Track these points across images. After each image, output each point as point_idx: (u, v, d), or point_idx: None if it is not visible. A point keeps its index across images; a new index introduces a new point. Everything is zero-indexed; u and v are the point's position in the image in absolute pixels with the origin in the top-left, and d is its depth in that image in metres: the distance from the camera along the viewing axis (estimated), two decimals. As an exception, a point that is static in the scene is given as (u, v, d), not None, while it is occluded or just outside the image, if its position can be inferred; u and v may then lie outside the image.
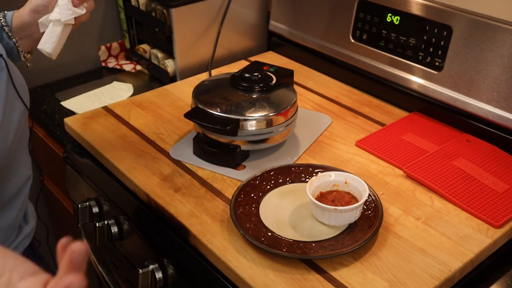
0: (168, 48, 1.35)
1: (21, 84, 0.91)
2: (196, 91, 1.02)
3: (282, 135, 0.99)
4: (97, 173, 1.05)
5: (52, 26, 0.88)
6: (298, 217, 0.85)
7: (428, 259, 0.77)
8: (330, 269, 0.76)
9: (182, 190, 0.92)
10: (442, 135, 1.06)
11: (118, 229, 1.00)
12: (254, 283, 0.74)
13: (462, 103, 1.04)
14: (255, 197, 0.88)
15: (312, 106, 1.18)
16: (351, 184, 0.85)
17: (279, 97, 1.00)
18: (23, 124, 0.92)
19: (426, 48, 1.09)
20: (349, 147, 1.04)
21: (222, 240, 0.81)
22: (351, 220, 0.82)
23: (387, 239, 0.81)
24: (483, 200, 0.88)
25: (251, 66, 1.07)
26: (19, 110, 0.89)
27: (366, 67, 1.21)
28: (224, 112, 0.95)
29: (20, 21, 0.91)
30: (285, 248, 0.77)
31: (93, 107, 1.20)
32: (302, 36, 1.36)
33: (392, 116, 1.14)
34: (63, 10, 0.87)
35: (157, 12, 1.33)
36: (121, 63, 1.48)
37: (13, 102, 0.87)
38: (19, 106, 0.89)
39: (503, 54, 0.97)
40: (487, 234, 0.82)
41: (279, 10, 1.41)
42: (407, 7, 1.10)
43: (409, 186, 0.93)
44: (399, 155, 1.00)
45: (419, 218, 0.85)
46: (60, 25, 0.88)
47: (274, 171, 0.93)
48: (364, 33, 1.20)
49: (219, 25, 1.36)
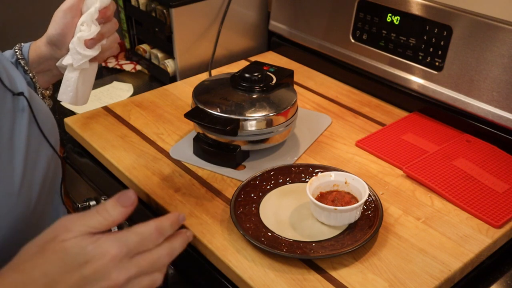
0: (168, 48, 1.35)
1: (48, 123, 0.72)
2: (196, 91, 1.02)
3: (282, 135, 0.99)
4: (97, 173, 1.05)
5: (67, 73, 0.77)
6: (298, 217, 0.85)
7: (428, 259, 0.77)
8: (330, 269, 0.76)
9: (182, 190, 0.92)
10: (442, 135, 1.06)
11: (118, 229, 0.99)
12: (254, 283, 0.74)
13: (462, 103, 1.04)
14: (255, 197, 0.88)
15: (312, 106, 1.18)
16: (351, 184, 0.85)
17: (279, 97, 1.00)
18: (53, 169, 0.72)
19: (426, 48, 1.09)
20: (349, 147, 1.04)
21: (222, 240, 0.81)
22: (351, 220, 0.82)
23: (387, 239, 0.81)
24: (483, 200, 0.88)
25: (251, 66, 1.07)
26: (46, 155, 0.69)
27: (366, 67, 1.21)
28: (224, 112, 0.95)
29: (37, 54, 0.82)
30: (285, 248, 0.77)
31: (93, 107, 1.20)
32: (302, 36, 1.36)
33: (392, 116, 1.14)
34: (73, 54, 0.76)
35: (157, 12, 1.33)
36: (121, 63, 1.48)
37: (38, 146, 0.68)
38: (46, 150, 0.70)
39: (503, 54, 0.97)
40: (487, 234, 0.82)
41: (279, 10, 1.41)
42: (407, 7, 1.10)
43: (409, 186, 0.93)
44: (399, 155, 1.00)
45: (419, 218, 0.85)
46: (74, 70, 0.77)
47: (274, 171, 0.93)
48: (364, 33, 1.20)
49: (219, 25, 1.36)
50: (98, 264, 0.50)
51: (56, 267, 0.49)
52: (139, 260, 0.52)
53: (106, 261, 0.50)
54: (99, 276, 0.50)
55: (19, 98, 0.67)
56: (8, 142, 0.62)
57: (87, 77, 0.79)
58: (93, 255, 0.50)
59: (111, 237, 0.52)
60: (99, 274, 0.50)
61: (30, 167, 0.64)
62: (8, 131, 0.63)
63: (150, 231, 0.53)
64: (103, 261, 0.50)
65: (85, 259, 0.50)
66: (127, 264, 0.51)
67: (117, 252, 0.51)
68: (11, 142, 0.63)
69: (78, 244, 0.50)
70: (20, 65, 0.81)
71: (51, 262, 0.49)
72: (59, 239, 0.50)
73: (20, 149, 0.63)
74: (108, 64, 1.48)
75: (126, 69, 1.45)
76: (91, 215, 0.53)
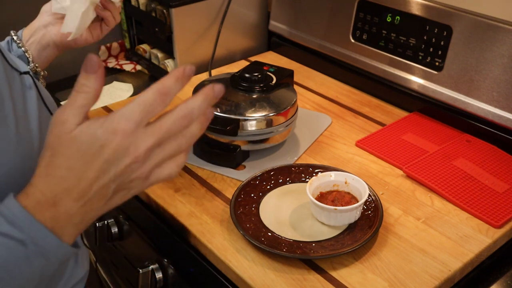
0: (168, 48, 1.35)
1: (51, 102, 0.75)
2: (196, 91, 1.02)
3: (282, 135, 0.99)
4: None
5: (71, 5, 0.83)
6: (298, 217, 0.85)
7: (428, 259, 0.77)
8: (330, 269, 0.76)
9: (182, 190, 0.92)
10: (442, 135, 1.06)
11: (118, 229, 1.00)
12: (254, 283, 0.74)
13: (462, 103, 1.04)
14: (255, 197, 0.88)
15: (312, 106, 1.18)
16: (351, 184, 0.85)
17: (279, 97, 1.00)
18: None
19: (426, 48, 1.09)
20: (349, 147, 1.04)
21: (222, 240, 0.81)
22: (351, 220, 0.82)
23: (387, 239, 0.81)
24: (483, 200, 0.88)
25: (251, 66, 1.07)
26: None
27: (366, 67, 1.21)
28: (224, 112, 0.95)
29: (29, 29, 0.89)
30: (285, 248, 0.77)
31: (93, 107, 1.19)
32: (302, 36, 1.36)
33: (392, 116, 1.14)
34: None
35: (157, 12, 1.33)
36: (121, 63, 1.48)
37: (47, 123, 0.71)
38: None
39: (503, 54, 0.97)
40: (487, 234, 0.82)
41: (279, 10, 1.41)
42: (407, 7, 1.10)
43: (409, 186, 0.93)
44: (399, 155, 1.00)
45: (419, 218, 0.85)
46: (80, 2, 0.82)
47: (274, 171, 0.93)
48: (364, 33, 1.20)
49: (219, 25, 1.36)
50: (113, 144, 0.49)
51: (76, 159, 0.49)
52: (154, 129, 0.51)
53: (119, 139, 0.49)
54: (119, 155, 0.49)
55: (24, 77, 0.68)
56: (23, 112, 0.63)
57: (88, 15, 0.83)
58: (105, 138, 0.49)
59: (115, 115, 0.50)
60: (118, 153, 0.49)
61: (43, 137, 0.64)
62: (21, 108, 0.63)
63: (154, 96, 0.51)
64: (117, 140, 0.49)
65: (99, 143, 0.49)
66: (142, 135, 0.50)
67: (125, 127, 0.49)
68: (26, 115, 0.63)
69: (87, 132, 0.50)
70: (14, 41, 0.85)
71: (70, 156, 0.49)
72: (64, 133, 0.50)
73: (33, 123, 0.64)
74: (108, 64, 1.48)
75: (126, 69, 1.45)
76: (73, 97, 0.51)
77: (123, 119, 0.50)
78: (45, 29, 0.90)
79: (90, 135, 0.49)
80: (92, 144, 0.49)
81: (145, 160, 0.51)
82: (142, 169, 0.51)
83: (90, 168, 0.49)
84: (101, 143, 0.49)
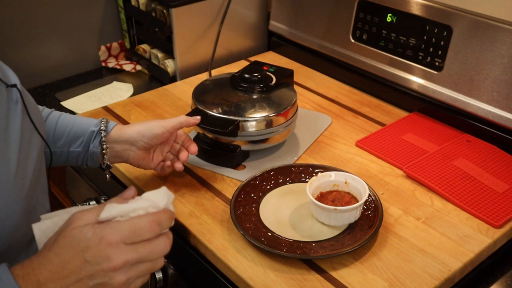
0: (168, 48, 1.35)
1: (37, 115, 0.76)
2: (196, 92, 1.02)
3: (282, 135, 0.99)
4: (97, 173, 1.05)
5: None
6: (298, 217, 0.85)
7: (428, 259, 0.77)
8: (330, 269, 0.76)
9: (182, 190, 0.92)
10: (442, 135, 1.06)
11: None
12: (254, 283, 0.74)
13: (462, 103, 1.04)
14: (255, 197, 0.88)
15: (312, 106, 1.18)
16: (351, 184, 0.85)
17: (279, 97, 1.00)
18: (40, 160, 0.74)
19: (426, 48, 1.09)
20: (349, 147, 1.04)
21: (222, 240, 0.81)
22: (351, 220, 0.82)
23: (387, 239, 0.81)
24: (483, 200, 0.88)
25: (251, 66, 1.07)
26: (36, 145, 0.72)
27: (366, 67, 1.21)
28: (224, 113, 0.95)
29: (120, 132, 0.86)
30: (285, 248, 0.77)
31: (93, 107, 1.20)
32: (302, 36, 1.36)
33: (392, 116, 1.14)
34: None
35: (157, 12, 1.33)
36: (121, 63, 1.48)
37: (30, 137, 0.71)
38: (36, 141, 0.72)
39: (503, 54, 0.97)
40: (487, 234, 0.82)
41: (279, 10, 1.41)
42: (407, 7, 1.10)
43: (409, 186, 0.93)
44: (399, 155, 1.00)
45: (419, 218, 0.85)
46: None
47: (274, 171, 0.93)
48: (364, 33, 1.20)
49: (219, 25, 1.36)
50: (96, 248, 0.56)
51: (65, 249, 0.56)
52: (137, 247, 0.57)
53: (103, 246, 0.56)
54: (99, 260, 0.56)
55: (12, 90, 0.69)
56: (3, 133, 0.65)
57: None
58: (92, 241, 0.56)
59: (107, 225, 0.57)
60: (98, 258, 0.56)
61: (23, 156, 0.68)
62: (3, 122, 0.66)
63: (146, 221, 0.57)
64: (100, 246, 0.56)
65: (86, 244, 0.56)
66: (125, 249, 0.56)
67: (112, 238, 0.56)
68: (6, 132, 0.66)
69: (82, 231, 0.56)
70: (99, 135, 0.86)
71: (62, 245, 0.57)
72: (70, 227, 0.57)
73: (14, 140, 0.67)
74: (108, 64, 1.48)
75: (126, 69, 1.45)
76: (101, 207, 0.58)
77: (111, 230, 0.56)
78: (130, 146, 0.87)
79: (83, 234, 0.56)
80: (81, 242, 0.56)
81: (120, 271, 0.56)
82: (117, 278, 0.56)
83: (73, 260, 0.56)
84: (87, 244, 0.56)
